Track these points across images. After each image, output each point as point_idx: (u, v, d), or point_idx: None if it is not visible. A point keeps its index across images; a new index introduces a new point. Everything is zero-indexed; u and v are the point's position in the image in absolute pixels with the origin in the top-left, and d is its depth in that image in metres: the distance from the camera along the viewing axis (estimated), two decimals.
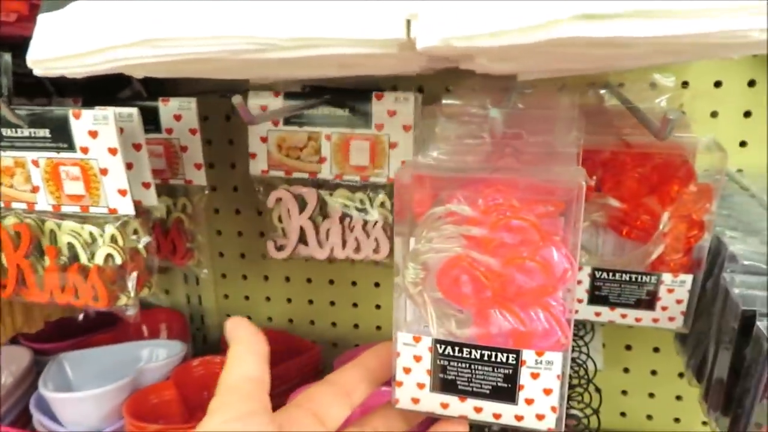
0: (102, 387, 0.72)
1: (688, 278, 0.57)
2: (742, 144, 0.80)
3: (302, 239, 0.78)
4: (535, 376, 0.43)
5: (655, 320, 0.59)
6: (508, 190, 0.44)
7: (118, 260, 0.61)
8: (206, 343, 1.08)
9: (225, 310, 1.07)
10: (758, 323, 0.47)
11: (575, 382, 0.79)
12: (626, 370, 0.94)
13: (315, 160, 0.75)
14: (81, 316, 0.97)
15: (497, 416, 0.44)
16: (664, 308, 0.58)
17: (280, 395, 0.73)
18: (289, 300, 1.04)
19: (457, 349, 0.44)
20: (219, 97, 0.88)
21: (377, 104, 0.69)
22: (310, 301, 1.04)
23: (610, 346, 0.92)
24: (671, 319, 0.59)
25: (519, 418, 0.44)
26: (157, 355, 0.83)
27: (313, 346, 0.92)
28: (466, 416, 0.45)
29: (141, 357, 0.83)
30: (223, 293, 1.06)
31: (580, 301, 0.60)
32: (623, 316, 0.60)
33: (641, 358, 0.92)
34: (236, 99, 0.46)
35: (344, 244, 0.77)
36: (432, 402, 0.45)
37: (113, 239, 0.60)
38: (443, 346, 0.44)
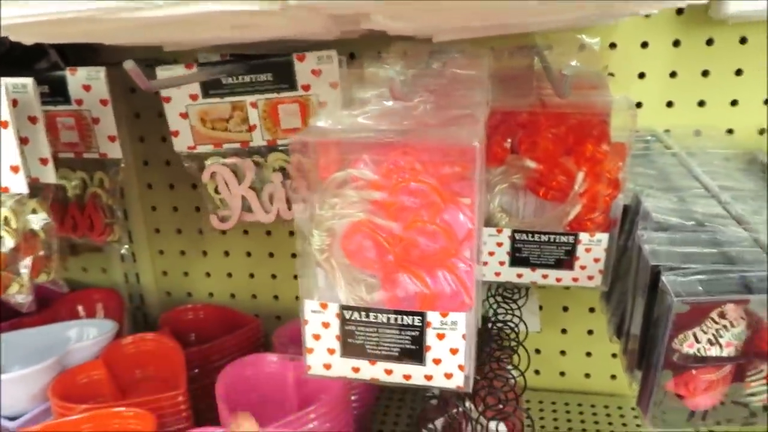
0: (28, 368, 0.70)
1: (604, 237, 0.57)
2: (669, 104, 0.82)
3: (245, 207, 0.76)
4: (440, 336, 0.43)
5: (575, 279, 0.60)
6: (415, 152, 0.44)
7: (10, 243, 0.58)
8: (147, 322, 1.06)
9: (164, 287, 1.05)
10: (663, 277, 0.48)
11: (509, 344, 0.80)
12: (564, 331, 0.96)
13: (244, 129, 0.74)
14: None
15: (407, 377, 0.45)
16: (582, 267, 0.59)
17: (217, 369, 0.73)
18: (229, 275, 1.03)
19: (363, 314, 0.43)
20: (145, 67, 0.85)
21: (300, 65, 0.68)
22: (251, 275, 1.02)
23: (547, 308, 0.94)
24: (590, 277, 0.59)
25: (428, 377, 0.44)
26: (87, 335, 0.81)
27: (253, 320, 0.91)
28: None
29: (71, 337, 0.81)
30: (161, 270, 1.04)
31: (502, 263, 0.60)
32: (544, 276, 0.60)
33: (577, 318, 0.94)
34: (128, 64, 0.44)
35: (290, 205, 0.76)
36: (343, 367, 0.46)
37: (6, 221, 0.57)
38: (350, 312, 0.44)
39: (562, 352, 0.97)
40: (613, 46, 0.80)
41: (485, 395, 0.67)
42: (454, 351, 0.43)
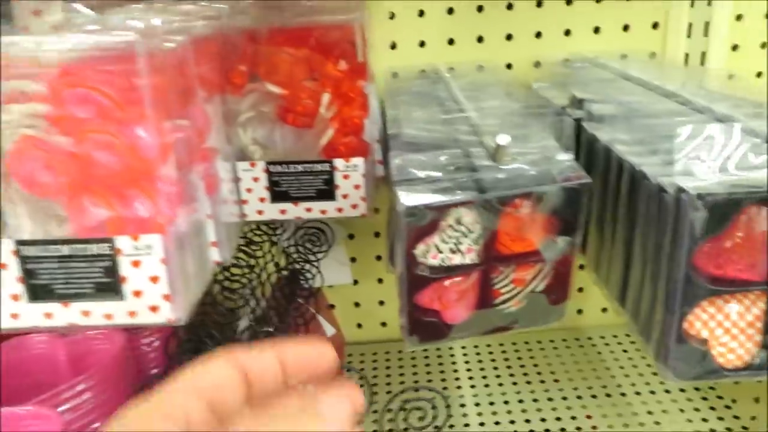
0: None
1: (360, 162, 0.56)
2: (450, 42, 0.82)
3: None
4: (136, 264, 0.38)
5: (340, 210, 0.58)
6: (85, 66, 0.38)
7: None
8: None
9: None
10: (396, 189, 0.47)
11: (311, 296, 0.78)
12: (380, 281, 0.95)
13: None
14: None
15: (109, 317, 0.40)
16: (345, 196, 0.57)
17: None
18: None
19: (43, 247, 0.38)
20: None
21: None
22: None
23: (361, 259, 0.93)
24: (354, 206, 0.58)
25: (132, 314, 0.40)
26: None
27: None
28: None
29: None
30: None
31: (262, 200, 0.57)
32: (308, 210, 0.58)
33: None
34: None
35: None
36: (34, 315, 0.40)
37: None
38: (28, 247, 0.38)
39: (381, 302, 0.96)
40: None
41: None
42: (154, 279, 0.39)
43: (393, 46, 0.81)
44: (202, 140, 0.47)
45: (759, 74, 0.85)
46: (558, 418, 0.78)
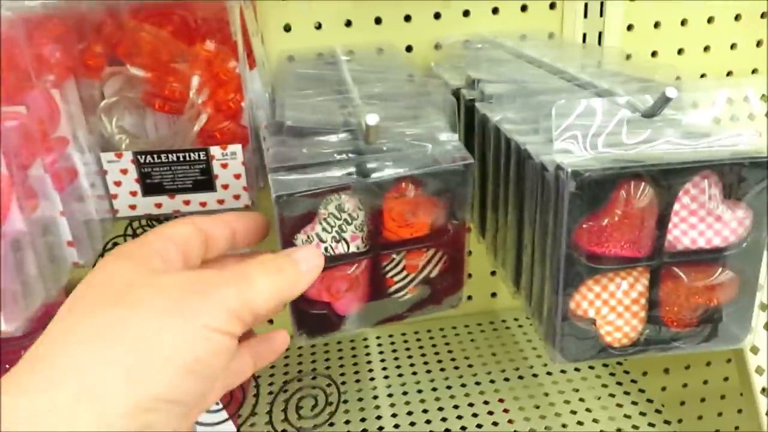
0: None
1: (238, 149, 0.52)
2: (348, 24, 0.79)
3: None
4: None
5: (221, 201, 0.54)
6: None
7: None
8: None
9: None
10: (270, 176, 0.44)
11: None
12: None
13: None
14: None
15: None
16: (225, 186, 0.53)
17: None
18: None
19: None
20: None
21: None
22: None
23: None
24: (236, 197, 0.54)
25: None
26: None
27: None
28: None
29: None
30: None
31: (134, 194, 0.53)
32: (186, 202, 0.54)
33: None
34: None
35: None
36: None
37: None
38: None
39: None
40: None
41: None
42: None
43: (287, 29, 0.78)
44: (47, 129, 0.42)
45: (654, 53, 0.86)
46: (471, 404, 0.77)
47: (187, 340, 0.29)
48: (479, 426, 0.74)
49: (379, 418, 0.75)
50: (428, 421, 0.75)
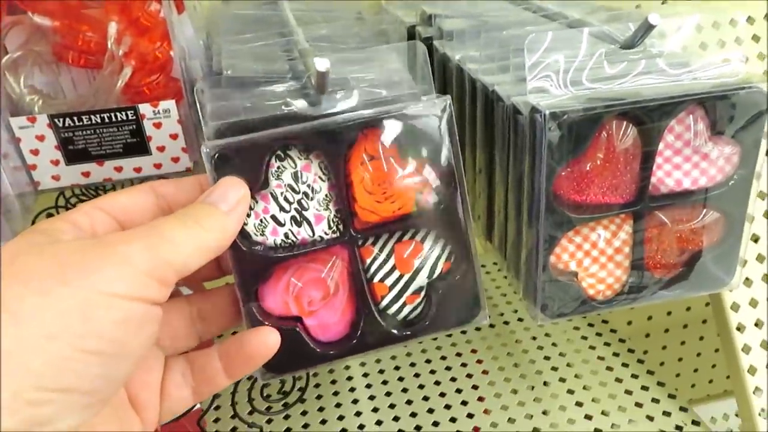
0: None
1: (171, 105, 0.46)
2: None
3: None
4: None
5: (158, 166, 0.48)
6: None
7: None
8: None
9: None
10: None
11: None
12: None
13: None
14: None
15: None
16: (161, 149, 0.47)
17: None
18: None
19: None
20: None
21: None
22: None
23: None
24: (175, 160, 0.48)
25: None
26: None
27: None
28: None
29: None
30: None
31: (55, 162, 0.46)
32: (117, 169, 0.48)
33: None
34: None
35: None
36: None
37: None
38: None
39: None
40: None
41: None
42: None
43: None
44: None
45: None
46: (443, 357, 0.75)
47: (79, 311, 0.24)
48: (453, 380, 0.72)
49: (350, 379, 0.73)
50: (401, 378, 0.72)
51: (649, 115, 0.38)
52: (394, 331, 0.39)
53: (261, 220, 0.37)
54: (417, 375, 0.73)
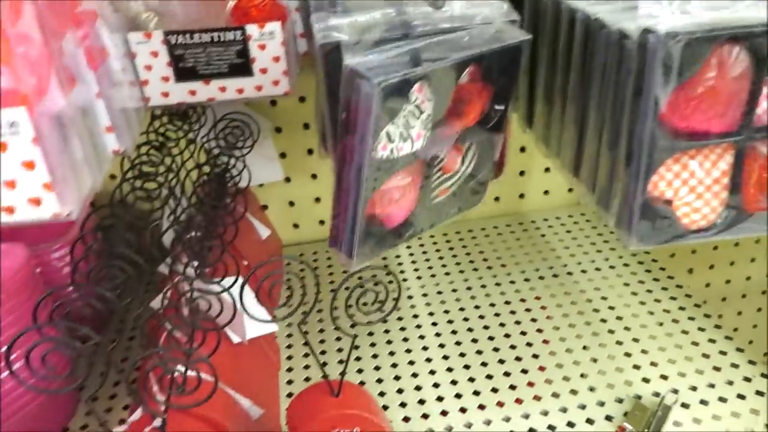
0: None
1: (276, 27, 0.47)
2: None
3: None
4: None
5: (259, 88, 0.50)
6: None
7: None
8: None
9: None
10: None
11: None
12: (314, 176, 0.89)
13: None
14: None
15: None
16: (263, 71, 0.49)
17: None
18: None
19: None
20: None
21: None
22: None
23: (292, 153, 0.85)
24: (275, 82, 0.50)
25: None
26: None
27: None
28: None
29: None
30: None
31: (166, 79, 0.49)
32: (222, 89, 0.50)
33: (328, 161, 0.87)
34: None
35: None
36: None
37: None
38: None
39: (317, 200, 0.90)
40: None
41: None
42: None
43: None
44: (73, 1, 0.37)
45: None
46: (507, 302, 0.77)
47: None
48: (518, 323, 0.73)
49: (416, 317, 0.75)
50: (466, 319, 0.74)
51: (763, 43, 0.37)
52: (439, 215, 0.50)
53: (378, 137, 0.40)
54: (481, 317, 0.74)
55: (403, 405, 0.63)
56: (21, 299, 0.53)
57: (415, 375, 0.66)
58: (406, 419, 0.61)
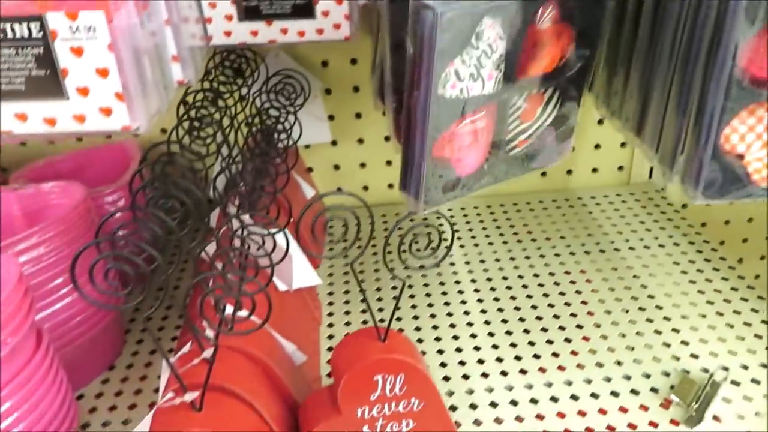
0: None
1: None
2: None
3: None
4: (78, 51, 0.31)
5: (320, 31, 0.50)
6: None
7: None
8: None
9: None
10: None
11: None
12: (361, 141, 0.88)
13: None
14: None
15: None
16: (325, 14, 0.49)
17: None
18: None
19: None
20: None
21: None
22: None
23: (339, 115, 0.85)
24: (337, 26, 0.50)
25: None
26: None
27: None
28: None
29: None
30: None
31: (229, 18, 0.49)
32: (283, 31, 0.50)
33: (374, 125, 0.87)
34: None
35: None
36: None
37: None
38: None
39: (362, 165, 0.90)
40: None
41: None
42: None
43: None
44: None
45: None
46: (551, 273, 0.75)
47: None
48: (562, 294, 0.72)
49: (458, 282, 0.74)
50: (509, 287, 0.73)
51: None
52: (510, 169, 0.49)
53: (445, 74, 0.39)
54: (525, 286, 0.73)
55: (443, 365, 0.62)
56: (80, 232, 0.54)
57: (456, 338, 0.66)
58: (446, 378, 0.61)
